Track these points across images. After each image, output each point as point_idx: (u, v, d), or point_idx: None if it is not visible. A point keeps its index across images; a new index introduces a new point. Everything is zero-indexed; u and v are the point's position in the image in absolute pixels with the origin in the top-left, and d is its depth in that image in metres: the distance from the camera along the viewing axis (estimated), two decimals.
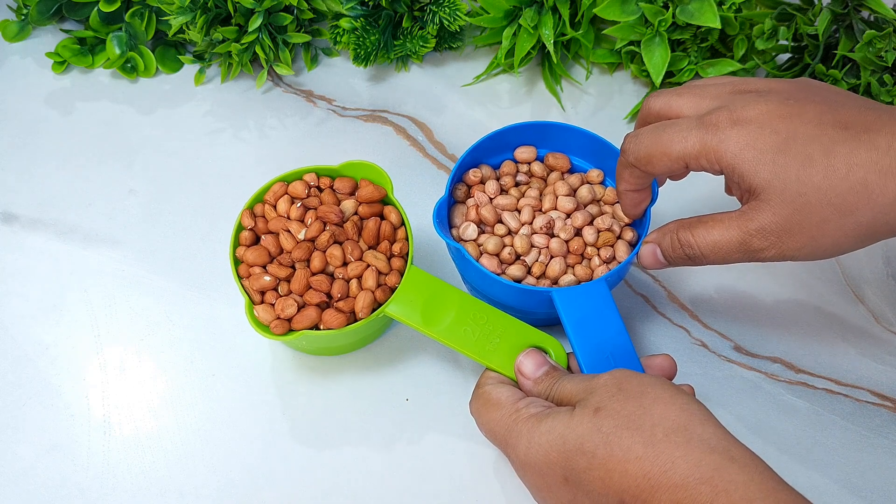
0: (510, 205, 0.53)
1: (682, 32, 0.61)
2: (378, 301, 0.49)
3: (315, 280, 0.49)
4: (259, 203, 0.52)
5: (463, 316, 0.48)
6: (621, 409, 0.39)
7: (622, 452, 0.38)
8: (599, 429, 0.39)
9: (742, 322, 0.56)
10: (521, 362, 0.46)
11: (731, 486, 0.36)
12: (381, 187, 0.52)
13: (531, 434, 0.41)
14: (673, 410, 0.39)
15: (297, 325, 0.48)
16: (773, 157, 0.41)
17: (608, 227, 0.51)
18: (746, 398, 0.53)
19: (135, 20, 0.66)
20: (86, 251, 0.59)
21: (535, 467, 0.41)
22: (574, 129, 0.54)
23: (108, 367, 0.54)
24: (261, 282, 0.49)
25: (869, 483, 0.50)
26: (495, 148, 0.55)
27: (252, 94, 0.67)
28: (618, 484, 0.38)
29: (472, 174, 0.54)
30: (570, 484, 0.39)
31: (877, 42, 0.56)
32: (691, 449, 0.37)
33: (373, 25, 0.64)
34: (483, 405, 0.45)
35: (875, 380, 0.54)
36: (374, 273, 0.49)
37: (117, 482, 0.50)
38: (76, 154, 0.64)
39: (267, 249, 0.50)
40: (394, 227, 0.51)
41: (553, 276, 0.51)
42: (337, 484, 0.50)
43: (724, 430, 0.38)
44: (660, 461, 0.37)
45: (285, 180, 0.52)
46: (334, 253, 0.49)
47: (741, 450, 0.37)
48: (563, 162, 0.55)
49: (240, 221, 0.51)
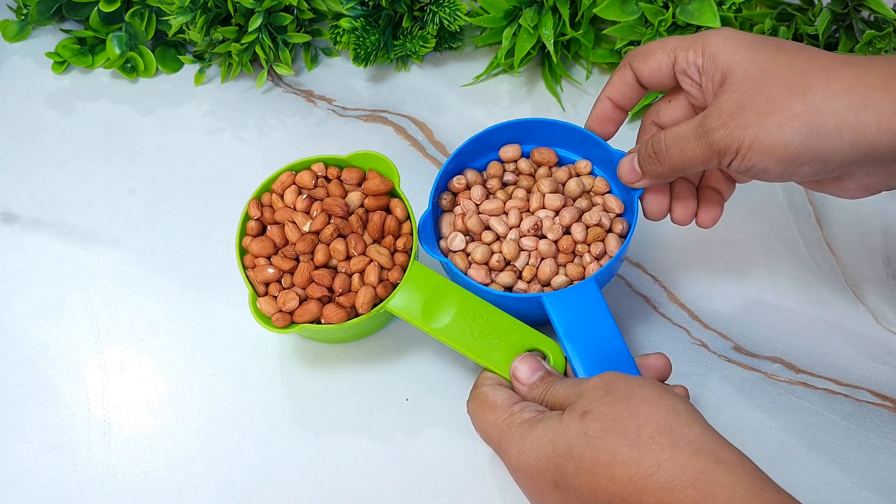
0: (497, 209, 0.52)
1: (682, 32, 0.61)
2: (379, 297, 0.49)
3: (317, 274, 0.49)
4: (267, 192, 0.52)
5: (463, 314, 0.48)
6: (608, 412, 0.39)
7: (609, 456, 0.38)
8: (586, 433, 0.39)
9: (742, 322, 0.56)
10: (517, 367, 0.46)
11: (717, 488, 0.36)
12: (387, 180, 0.52)
13: (523, 440, 0.41)
14: (659, 412, 0.39)
15: (299, 319, 0.48)
16: (750, 44, 0.43)
17: (597, 223, 0.51)
18: (746, 398, 0.53)
19: (135, 20, 0.66)
20: (86, 251, 0.59)
21: (527, 473, 0.41)
22: (556, 123, 0.53)
23: (108, 367, 0.54)
24: (264, 274, 0.49)
25: (869, 483, 0.50)
26: (479, 150, 0.54)
27: (252, 94, 0.67)
28: (605, 488, 0.38)
29: (456, 181, 0.53)
30: (561, 489, 0.39)
31: (877, 42, 0.56)
32: (677, 451, 0.37)
33: (373, 25, 0.64)
34: (479, 406, 0.45)
35: (875, 380, 0.54)
36: (376, 268, 0.49)
37: (117, 482, 0.50)
38: (76, 154, 0.64)
39: (272, 240, 0.50)
40: (399, 222, 0.51)
41: (544, 278, 0.50)
42: (337, 484, 0.50)
43: (712, 430, 0.38)
44: (645, 464, 0.37)
45: (294, 169, 0.52)
46: (338, 247, 0.49)
47: (728, 451, 0.37)
48: (550, 156, 0.54)
49: (247, 211, 0.51)
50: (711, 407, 0.53)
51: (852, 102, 0.39)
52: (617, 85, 0.49)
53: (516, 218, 0.52)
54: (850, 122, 0.39)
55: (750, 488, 0.36)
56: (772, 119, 0.40)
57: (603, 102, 0.50)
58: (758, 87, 0.41)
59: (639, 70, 0.47)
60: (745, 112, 0.41)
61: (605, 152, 0.52)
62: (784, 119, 0.40)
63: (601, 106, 0.50)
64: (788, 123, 0.40)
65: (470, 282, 0.49)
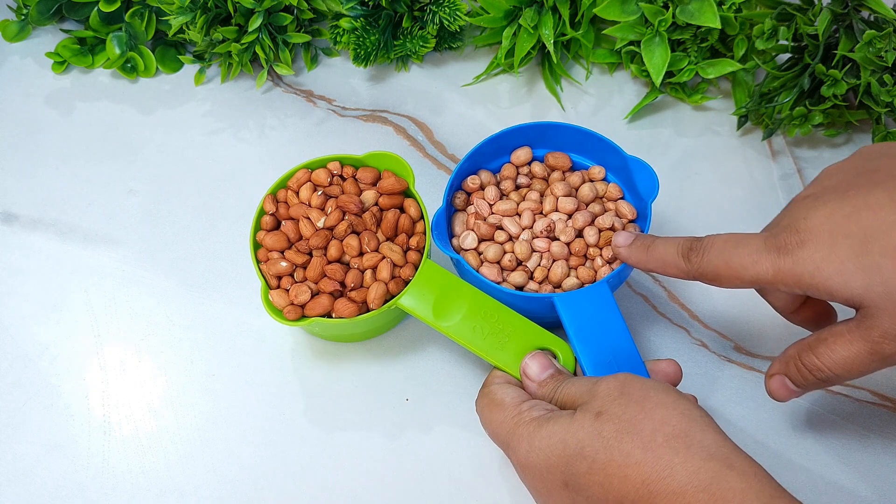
0: (510, 210, 0.53)
1: (682, 32, 0.61)
2: (391, 293, 0.49)
3: (330, 268, 0.49)
4: (282, 189, 0.53)
5: (474, 313, 0.48)
6: (623, 413, 0.39)
7: (622, 457, 0.38)
8: (600, 433, 0.39)
9: (742, 322, 0.56)
10: (527, 364, 0.46)
11: (729, 493, 0.36)
12: (402, 179, 0.52)
13: (532, 437, 0.41)
14: (674, 416, 0.38)
15: (310, 312, 0.48)
16: (857, 264, 0.38)
17: (610, 227, 0.51)
18: (746, 398, 0.53)
19: (135, 20, 0.66)
20: (86, 251, 0.59)
21: (535, 471, 0.41)
22: (572, 128, 0.54)
23: (108, 367, 0.54)
24: (277, 267, 0.50)
25: (869, 483, 0.50)
26: (493, 152, 0.55)
27: (252, 94, 0.67)
28: (617, 489, 0.38)
29: (470, 181, 0.54)
30: (570, 488, 0.39)
31: (877, 42, 0.56)
32: (690, 456, 0.37)
33: (373, 25, 0.64)
34: (488, 405, 0.45)
35: (875, 380, 0.54)
36: (388, 265, 0.49)
37: (117, 482, 0.50)
38: (76, 154, 0.64)
39: (286, 235, 0.50)
40: (412, 221, 0.52)
41: (556, 280, 0.51)
42: (338, 483, 0.50)
43: (725, 436, 0.38)
44: (658, 467, 0.37)
45: (309, 167, 0.53)
46: (351, 243, 0.50)
47: (741, 457, 0.37)
48: (564, 161, 0.55)
49: (262, 206, 0.51)
50: (711, 407, 0.53)
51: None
52: (674, 274, 0.46)
53: (529, 219, 0.52)
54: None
55: (762, 495, 0.36)
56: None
57: (640, 263, 0.47)
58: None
59: (713, 285, 0.44)
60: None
61: (619, 158, 0.53)
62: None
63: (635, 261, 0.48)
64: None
65: (482, 279, 0.49)
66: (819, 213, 0.40)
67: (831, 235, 0.39)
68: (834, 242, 0.39)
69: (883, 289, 0.38)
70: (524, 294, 0.49)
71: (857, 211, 0.39)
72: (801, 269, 0.40)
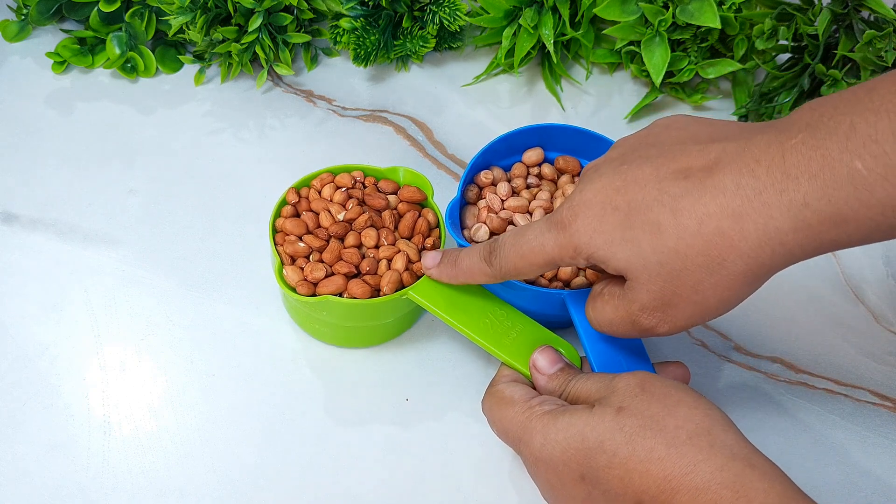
0: (521, 207, 0.53)
1: (682, 32, 0.61)
2: (404, 283, 0.50)
3: (346, 253, 0.50)
4: (305, 187, 0.54)
5: (483, 310, 0.49)
6: (645, 409, 0.39)
7: (644, 453, 0.38)
8: (622, 428, 0.39)
9: (742, 322, 0.56)
10: (536, 358, 0.46)
11: (752, 492, 0.36)
12: (422, 191, 0.53)
13: (546, 430, 0.41)
14: (697, 414, 0.39)
15: (323, 290, 0.49)
16: (621, 236, 0.39)
17: None
18: (746, 398, 0.53)
19: (135, 20, 0.66)
20: (86, 251, 0.59)
21: (550, 463, 0.41)
22: (585, 132, 0.55)
23: (108, 367, 0.54)
24: (295, 247, 0.50)
25: (869, 483, 0.50)
26: (505, 150, 0.56)
27: (252, 94, 0.67)
28: (637, 484, 0.38)
29: (483, 176, 0.55)
30: (587, 482, 0.39)
31: (877, 42, 0.56)
32: (714, 453, 0.37)
33: (373, 25, 0.64)
34: (496, 403, 0.45)
35: (875, 380, 0.54)
36: (404, 257, 0.50)
37: (117, 482, 0.50)
38: (76, 154, 0.64)
39: (305, 223, 0.51)
40: (430, 226, 0.53)
41: (565, 278, 0.51)
42: (338, 483, 0.50)
43: (745, 438, 0.38)
44: (682, 463, 0.37)
45: (332, 172, 0.54)
46: (369, 234, 0.51)
47: (761, 458, 0.37)
48: (574, 164, 0.55)
49: (284, 197, 0.52)
50: None
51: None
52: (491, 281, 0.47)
53: (540, 217, 0.52)
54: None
55: (784, 496, 0.36)
56: (710, 301, 0.39)
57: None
58: (671, 282, 0.39)
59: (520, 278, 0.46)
60: (676, 306, 0.39)
61: None
62: (722, 294, 0.39)
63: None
64: (729, 294, 0.39)
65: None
66: (594, 185, 0.41)
67: (602, 207, 0.40)
68: (604, 214, 0.40)
69: (641, 262, 0.39)
70: (536, 289, 0.49)
71: (627, 185, 0.40)
72: (577, 241, 0.41)
